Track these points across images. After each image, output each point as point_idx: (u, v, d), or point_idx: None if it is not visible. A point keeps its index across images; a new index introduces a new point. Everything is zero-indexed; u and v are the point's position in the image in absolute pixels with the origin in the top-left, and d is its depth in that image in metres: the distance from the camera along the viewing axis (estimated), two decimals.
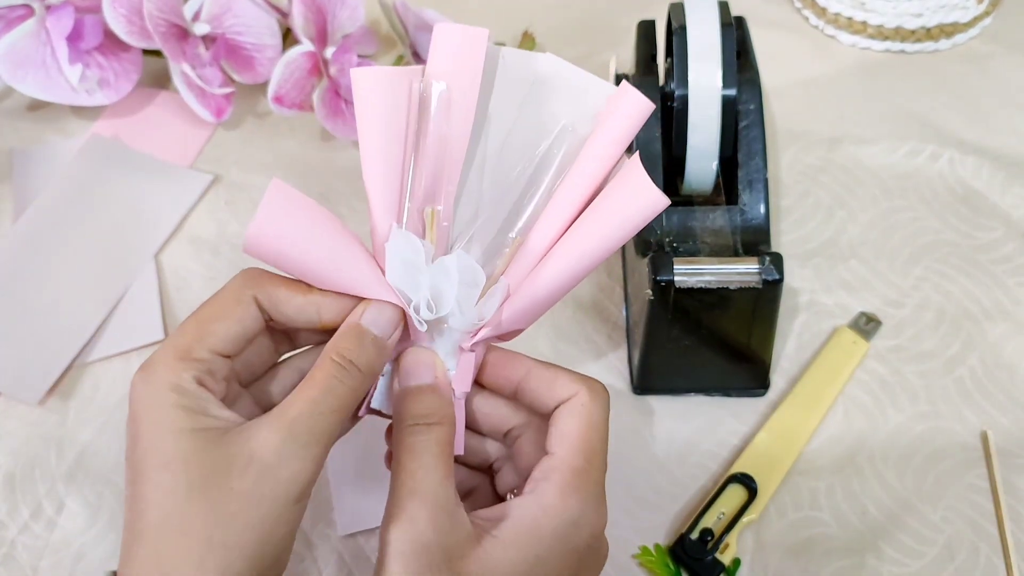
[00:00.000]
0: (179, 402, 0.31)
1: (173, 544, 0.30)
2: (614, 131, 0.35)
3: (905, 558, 0.46)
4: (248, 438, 0.31)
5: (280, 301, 0.34)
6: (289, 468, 0.31)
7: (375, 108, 0.35)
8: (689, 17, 0.47)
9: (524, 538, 0.33)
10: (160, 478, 0.30)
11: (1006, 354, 0.53)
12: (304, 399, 0.32)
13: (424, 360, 0.36)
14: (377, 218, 0.35)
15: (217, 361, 0.33)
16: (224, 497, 0.30)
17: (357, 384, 0.33)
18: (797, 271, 0.56)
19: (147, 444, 0.31)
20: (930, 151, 0.62)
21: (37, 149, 0.64)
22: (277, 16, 0.63)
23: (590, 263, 0.35)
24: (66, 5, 0.60)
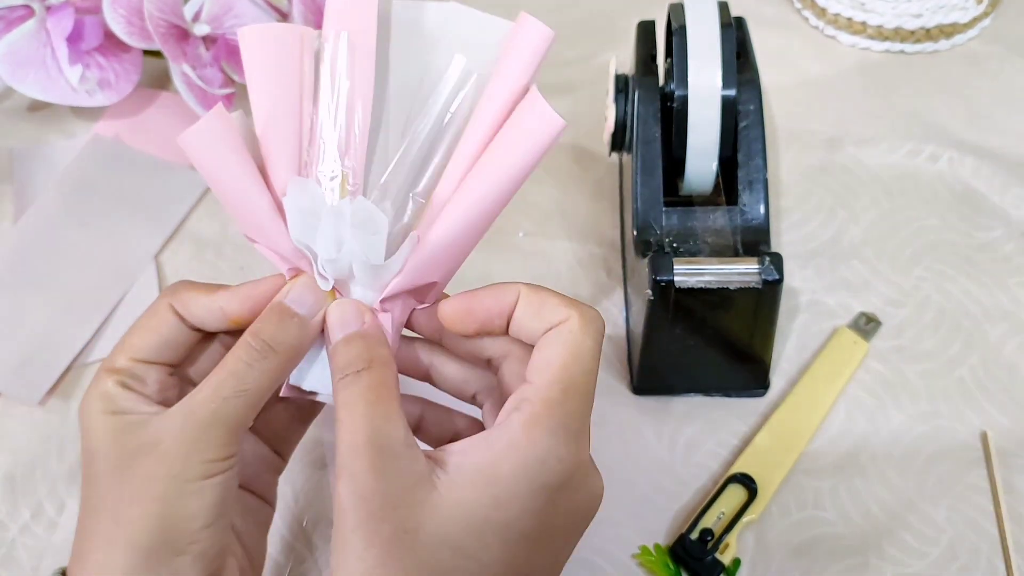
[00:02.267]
0: (104, 407, 0.33)
1: (94, 527, 0.32)
2: (514, 65, 0.34)
3: (908, 558, 0.46)
4: (156, 424, 0.33)
5: (191, 304, 0.35)
6: (188, 450, 0.32)
7: (266, 66, 0.34)
8: (689, 17, 0.47)
9: (480, 477, 0.31)
10: (88, 471, 0.33)
11: (1006, 354, 0.53)
12: (209, 384, 0.33)
13: (349, 309, 0.34)
14: (275, 179, 0.34)
15: (140, 368, 0.34)
16: (129, 479, 0.32)
17: (275, 366, 0.33)
18: (797, 271, 0.56)
19: (84, 447, 0.33)
20: (930, 151, 0.62)
21: (38, 149, 0.64)
22: (277, 16, 0.63)
23: (495, 201, 0.33)
24: (66, 6, 0.60)
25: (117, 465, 0.32)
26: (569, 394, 0.32)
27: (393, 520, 0.30)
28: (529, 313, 0.34)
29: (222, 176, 0.33)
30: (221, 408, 0.32)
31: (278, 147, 0.34)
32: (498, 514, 0.31)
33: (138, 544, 0.31)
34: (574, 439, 0.32)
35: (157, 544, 0.31)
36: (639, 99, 0.49)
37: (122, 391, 0.33)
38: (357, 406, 0.32)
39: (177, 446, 0.32)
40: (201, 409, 0.32)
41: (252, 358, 0.33)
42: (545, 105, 0.32)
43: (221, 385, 0.33)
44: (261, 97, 0.34)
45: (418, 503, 0.30)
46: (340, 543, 0.31)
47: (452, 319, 0.35)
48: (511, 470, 0.31)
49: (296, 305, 0.34)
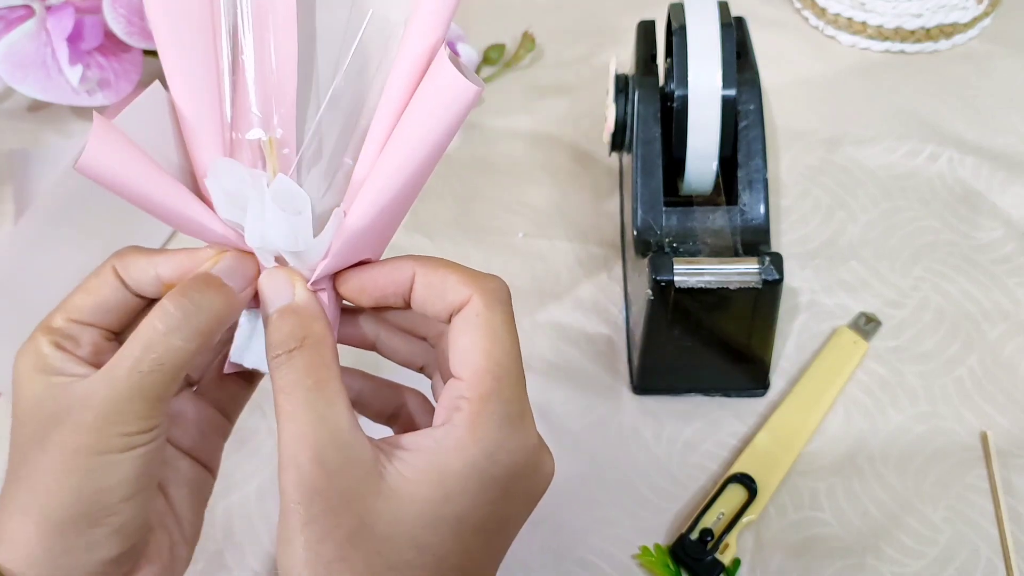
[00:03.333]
0: (34, 364, 0.32)
1: (10, 494, 0.31)
2: (426, 18, 0.30)
3: (905, 558, 0.46)
4: (75, 392, 0.31)
5: (130, 267, 0.34)
6: (103, 422, 0.30)
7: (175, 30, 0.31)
8: (689, 17, 0.47)
9: (431, 474, 0.30)
10: (13, 435, 0.32)
11: (1005, 354, 0.53)
12: (126, 353, 0.31)
13: (280, 280, 0.32)
14: (199, 156, 0.32)
15: (76, 328, 0.33)
16: (46, 446, 0.31)
17: (193, 334, 0.31)
18: (797, 271, 0.56)
19: (13, 406, 0.32)
20: (930, 151, 0.62)
21: (38, 150, 0.64)
22: None
23: (413, 174, 0.31)
24: (66, 6, 0.60)
25: (39, 432, 0.31)
26: (501, 381, 0.31)
27: (350, 513, 0.29)
28: (429, 293, 0.32)
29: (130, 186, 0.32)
30: (138, 381, 0.30)
31: (198, 120, 0.32)
32: (450, 508, 0.30)
33: (51, 515, 0.30)
34: (519, 425, 0.31)
35: (71, 515, 0.30)
36: (639, 99, 0.49)
37: (54, 350, 0.32)
38: (296, 392, 0.30)
39: (95, 418, 0.30)
40: (118, 381, 0.31)
41: (168, 325, 0.31)
42: (454, 71, 0.29)
43: (136, 356, 0.31)
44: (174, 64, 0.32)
45: (371, 495, 0.30)
46: (290, 536, 0.29)
47: (348, 294, 0.34)
48: (461, 468, 0.30)
49: (224, 275, 0.32)
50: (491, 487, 0.31)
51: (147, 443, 0.31)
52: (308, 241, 0.31)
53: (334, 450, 0.30)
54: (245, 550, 0.47)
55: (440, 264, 0.32)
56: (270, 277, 0.32)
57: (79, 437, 0.30)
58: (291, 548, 0.29)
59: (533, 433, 0.32)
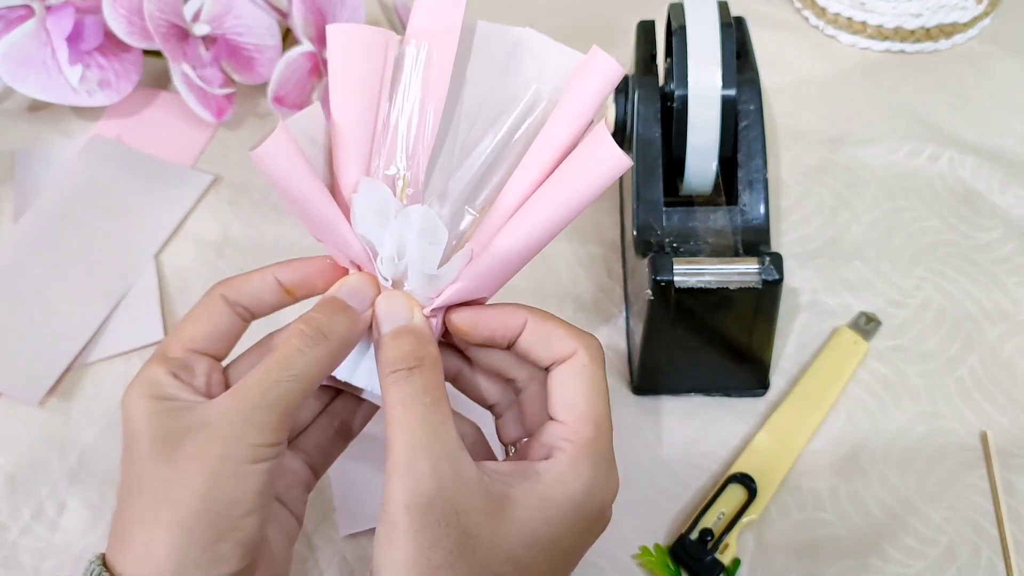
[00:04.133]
0: (151, 392, 0.33)
1: (136, 507, 0.32)
2: (582, 96, 0.35)
3: (907, 559, 0.46)
4: (205, 408, 0.33)
5: (241, 286, 0.36)
6: (237, 431, 0.32)
7: (350, 64, 0.35)
8: (689, 17, 0.47)
9: (537, 500, 0.33)
10: (131, 453, 0.33)
11: (1005, 354, 0.53)
12: (261, 368, 0.33)
13: (398, 302, 0.35)
14: (345, 174, 0.35)
15: (192, 357, 0.35)
16: (176, 458, 0.32)
17: (324, 354, 0.34)
18: (798, 271, 0.56)
19: (126, 431, 0.33)
20: (930, 151, 0.62)
21: (38, 149, 0.64)
22: (277, 17, 0.63)
23: (553, 226, 0.35)
24: (66, 6, 0.60)
25: (163, 446, 0.32)
26: (600, 428, 0.34)
27: (459, 525, 0.31)
28: (535, 341, 0.36)
29: (291, 185, 0.34)
30: (271, 391, 0.32)
31: (351, 144, 0.35)
32: (548, 532, 0.33)
33: (183, 524, 0.31)
34: (612, 469, 0.35)
35: (202, 526, 0.31)
36: (639, 99, 0.49)
37: (171, 379, 0.34)
38: (415, 407, 0.32)
39: (226, 427, 0.32)
40: (251, 391, 0.32)
41: (304, 344, 0.33)
42: (612, 144, 0.34)
43: (272, 369, 0.33)
44: (341, 94, 0.35)
45: (477, 510, 0.32)
46: (396, 539, 0.31)
47: (459, 327, 0.36)
48: (561, 498, 0.33)
49: (349, 298, 0.35)
50: (582, 519, 0.34)
51: (272, 457, 0.33)
52: (434, 268, 0.35)
53: (447, 464, 0.32)
54: None
55: (549, 317, 0.36)
56: (390, 298, 0.35)
57: (211, 447, 0.32)
58: (396, 551, 0.31)
59: (617, 481, 0.35)
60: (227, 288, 0.36)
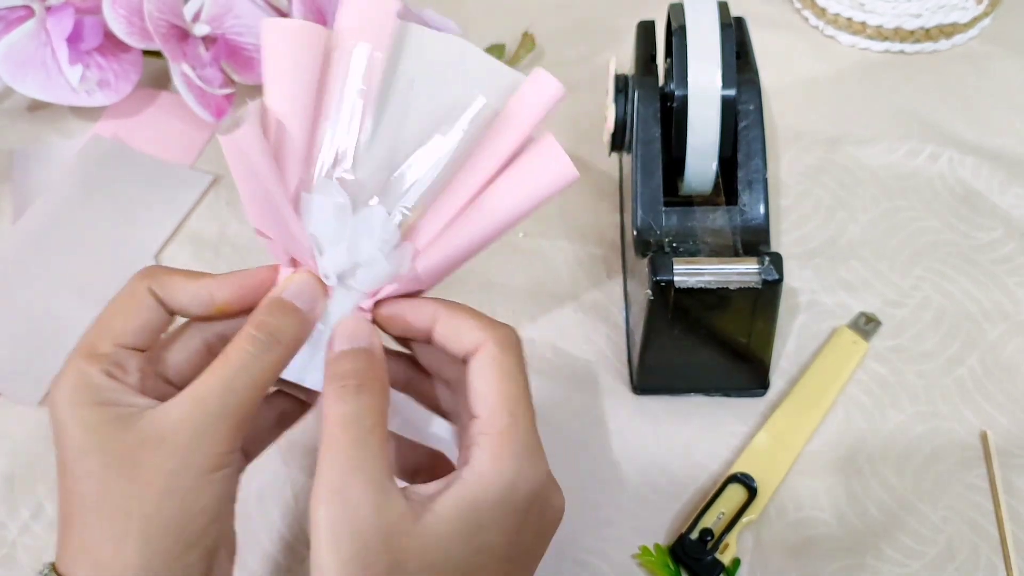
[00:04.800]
0: (89, 398, 0.32)
1: (96, 523, 0.31)
2: (526, 111, 0.36)
3: (905, 558, 0.46)
4: (159, 418, 0.32)
5: (174, 289, 0.35)
6: (196, 442, 0.32)
7: (286, 61, 0.35)
8: (689, 17, 0.47)
9: (463, 510, 0.32)
10: (79, 467, 0.32)
11: (1005, 354, 0.53)
12: (214, 375, 0.33)
13: (362, 327, 0.35)
14: (285, 171, 0.35)
15: (123, 353, 0.34)
16: (138, 473, 0.31)
17: (277, 358, 0.34)
18: (797, 271, 0.56)
19: (67, 441, 0.32)
20: (930, 151, 0.62)
21: (37, 149, 0.64)
22: (277, 17, 0.63)
23: (495, 231, 0.36)
24: (66, 6, 0.60)
25: (120, 460, 0.31)
26: (516, 416, 0.33)
27: (388, 552, 0.31)
28: (448, 334, 0.35)
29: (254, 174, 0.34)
30: (228, 400, 0.32)
31: (290, 143, 0.35)
32: (478, 539, 0.32)
33: (151, 540, 0.31)
34: (535, 457, 0.34)
35: (170, 540, 0.31)
36: (639, 99, 0.49)
37: (107, 380, 0.33)
38: (352, 427, 0.32)
39: (185, 439, 0.31)
40: (208, 401, 0.32)
41: (258, 349, 0.33)
42: (563, 155, 0.35)
43: (227, 376, 0.32)
44: (277, 91, 0.35)
45: (405, 534, 0.31)
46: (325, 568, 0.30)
47: (381, 320, 0.36)
48: (485, 499, 0.32)
49: (296, 299, 0.35)
50: (512, 516, 0.33)
51: (232, 463, 0.33)
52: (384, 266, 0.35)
53: (380, 491, 0.31)
54: (245, 551, 0.47)
55: (460, 309, 0.36)
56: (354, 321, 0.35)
57: (173, 460, 0.31)
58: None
59: (546, 465, 0.34)
60: (156, 284, 0.35)
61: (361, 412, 0.32)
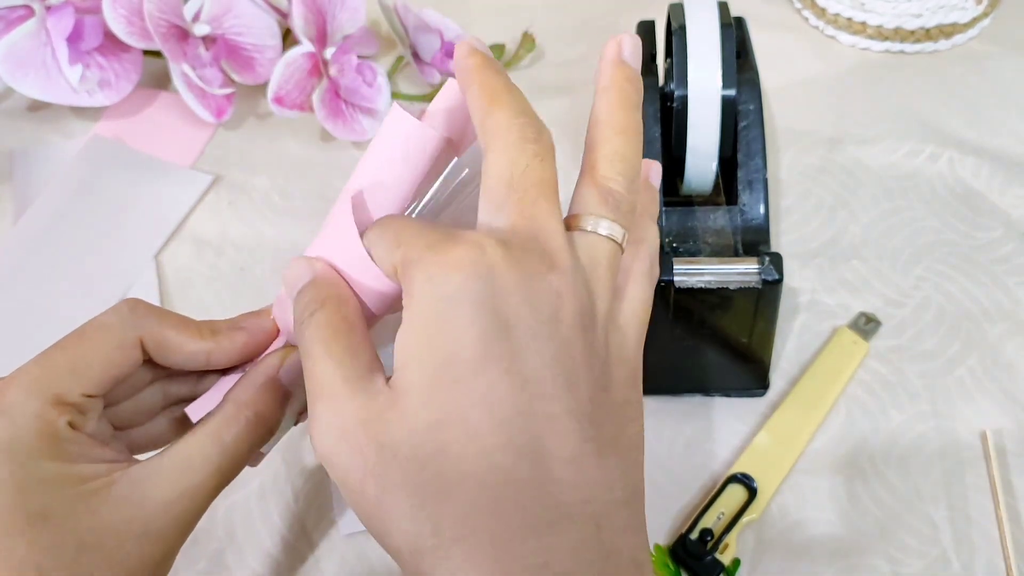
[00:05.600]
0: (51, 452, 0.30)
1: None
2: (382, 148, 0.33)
3: (907, 558, 0.46)
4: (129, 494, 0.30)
5: (169, 348, 0.33)
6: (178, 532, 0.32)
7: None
8: (689, 17, 0.47)
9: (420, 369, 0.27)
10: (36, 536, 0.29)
11: (1005, 354, 0.53)
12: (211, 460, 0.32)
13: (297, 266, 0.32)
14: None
15: (89, 403, 0.32)
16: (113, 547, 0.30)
17: (262, 435, 0.33)
18: (798, 271, 0.56)
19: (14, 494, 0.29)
20: (930, 151, 0.62)
21: (37, 150, 0.64)
22: (277, 17, 0.63)
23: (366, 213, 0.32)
24: (66, 6, 0.60)
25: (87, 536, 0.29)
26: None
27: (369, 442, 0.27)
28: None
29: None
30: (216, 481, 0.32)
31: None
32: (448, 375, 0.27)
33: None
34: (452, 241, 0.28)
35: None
36: None
37: (73, 433, 0.31)
38: (315, 347, 0.29)
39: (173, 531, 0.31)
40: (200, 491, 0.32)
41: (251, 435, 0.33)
42: (402, 113, 0.32)
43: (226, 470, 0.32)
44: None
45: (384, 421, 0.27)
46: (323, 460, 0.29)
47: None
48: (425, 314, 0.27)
49: (284, 376, 0.34)
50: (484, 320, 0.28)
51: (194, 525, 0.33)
52: None
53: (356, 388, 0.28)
54: (245, 550, 0.47)
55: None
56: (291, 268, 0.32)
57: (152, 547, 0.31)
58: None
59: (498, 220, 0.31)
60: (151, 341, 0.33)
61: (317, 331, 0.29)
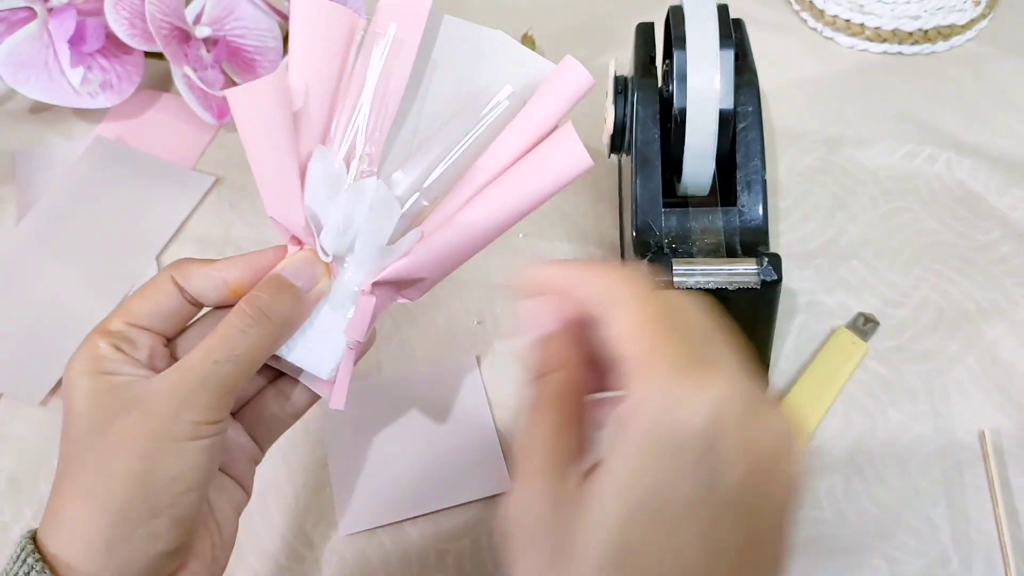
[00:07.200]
0: (92, 367, 0.33)
1: (71, 484, 0.32)
2: (551, 100, 0.35)
3: (905, 557, 0.46)
4: (145, 384, 0.33)
5: (190, 275, 0.35)
6: (176, 409, 0.32)
7: (312, 36, 0.36)
8: (688, 19, 0.47)
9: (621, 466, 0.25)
10: (71, 430, 0.32)
11: (1003, 354, 0.53)
12: (202, 347, 0.33)
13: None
14: (301, 146, 0.35)
15: (134, 332, 0.34)
16: (114, 435, 0.32)
17: (267, 334, 0.34)
18: (797, 272, 0.56)
19: (67, 406, 0.33)
20: (928, 152, 0.62)
21: (40, 151, 0.64)
22: (278, 19, 0.63)
23: (508, 217, 0.35)
24: (68, 8, 0.60)
25: (100, 422, 0.32)
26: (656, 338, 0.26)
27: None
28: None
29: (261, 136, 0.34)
30: (212, 371, 0.32)
31: (308, 116, 0.35)
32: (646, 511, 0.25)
33: (117, 500, 0.31)
34: (705, 371, 0.25)
35: (136, 502, 0.31)
36: (638, 101, 0.49)
37: (113, 352, 0.33)
38: (537, 414, 0.29)
39: (165, 405, 0.32)
40: (192, 371, 0.32)
41: (246, 324, 0.33)
42: (578, 143, 0.34)
43: (213, 348, 0.33)
44: (301, 65, 0.35)
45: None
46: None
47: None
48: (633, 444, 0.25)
49: (294, 277, 0.35)
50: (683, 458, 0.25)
51: (213, 435, 0.33)
52: (384, 242, 0.35)
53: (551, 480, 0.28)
54: (245, 550, 0.47)
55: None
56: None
57: (149, 423, 0.32)
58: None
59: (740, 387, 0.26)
60: (178, 272, 0.35)
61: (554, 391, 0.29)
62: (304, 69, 0.35)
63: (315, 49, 0.36)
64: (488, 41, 0.37)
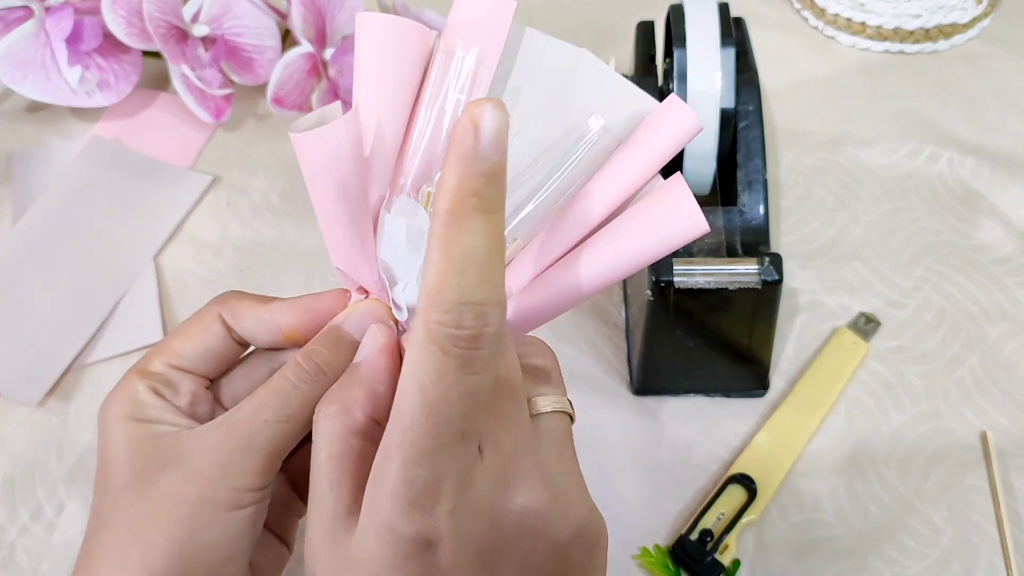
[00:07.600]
0: (131, 412, 0.31)
1: (103, 537, 0.30)
2: (654, 144, 0.31)
3: (907, 559, 0.46)
4: (187, 439, 0.30)
5: (240, 315, 0.33)
6: (220, 472, 0.30)
7: (381, 60, 0.31)
8: (688, 18, 0.47)
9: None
10: (106, 481, 0.31)
11: (1005, 355, 0.53)
12: (252, 403, 0.31)
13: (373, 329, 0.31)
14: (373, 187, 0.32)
15: (176, 375, 0.32)
16: (152, 494, 0.30)
17: (322, 390, 0.30)
18: (798, 272, 0.56)
19: (102, 453, 0.31)
20: (930, 152, 0.62)
21: (37, 151, 0.64)
22: (276, 18, 0.63)
23: (607, 279, 0.31)
24: (65, 7, 0.60)
25: (140, 478, 0.30)
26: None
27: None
28: None
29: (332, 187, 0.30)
30: (261, 431, 0.30)
31: (382, 154, 0.31)
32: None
33: (152, 568, 0.29)
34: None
35: (173, 572, 0.29)
36: None
37: (152, 398, 0.32)
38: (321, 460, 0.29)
39: (210, 467, 0.30)
40: (240, 429, 0.30)
41: (301, 379, 0.31)
42: (693, 202, 0.30)
43: (264, 405, 0.30)
44: (371, 96, 0.31)
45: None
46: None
47: None
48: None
49: (356, 331, 0.32)
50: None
51: (256, 502, 0.30)
52: None
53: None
54: None
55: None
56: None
57: (189, 487, 0.30)
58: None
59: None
60: (226, 310, 0.33)
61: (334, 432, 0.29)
62: (374, 101, 0.31)
63: (385, 76, 0.31)
64: (575, 61, 0.33)
